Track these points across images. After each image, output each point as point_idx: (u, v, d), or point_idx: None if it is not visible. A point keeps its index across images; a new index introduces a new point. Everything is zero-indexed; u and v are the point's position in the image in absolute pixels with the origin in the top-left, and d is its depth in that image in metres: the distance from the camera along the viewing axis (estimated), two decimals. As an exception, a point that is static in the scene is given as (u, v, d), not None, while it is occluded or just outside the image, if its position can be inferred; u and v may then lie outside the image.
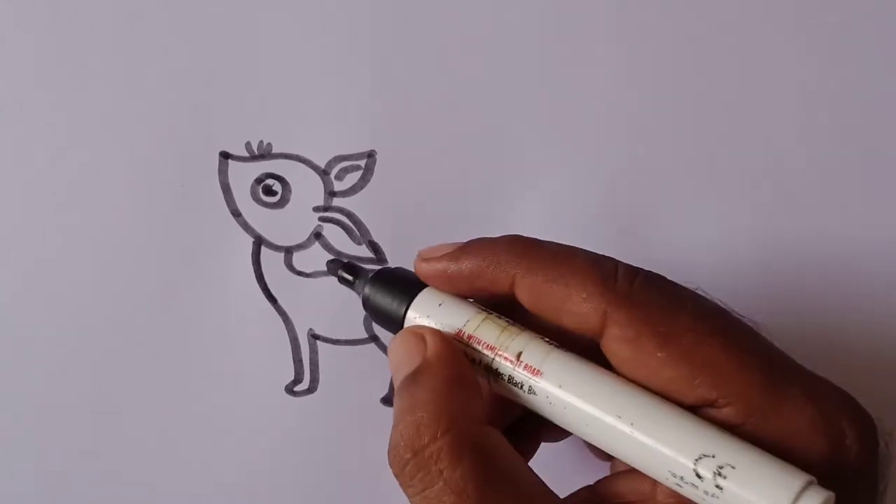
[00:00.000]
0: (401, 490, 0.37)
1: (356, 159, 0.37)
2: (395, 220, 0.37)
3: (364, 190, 0.37)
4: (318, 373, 0.37)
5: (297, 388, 0.37)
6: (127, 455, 0.37)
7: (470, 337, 0.26)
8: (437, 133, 0.37)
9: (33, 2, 0.36)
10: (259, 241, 0.37)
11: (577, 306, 0.24)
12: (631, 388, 0.23)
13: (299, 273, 0.37)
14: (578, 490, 0.28)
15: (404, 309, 0.27)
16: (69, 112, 0.36)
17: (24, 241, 0.36)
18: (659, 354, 0.23)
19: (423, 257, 0.27)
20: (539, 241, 0.26)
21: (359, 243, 0.37)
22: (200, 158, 0.37)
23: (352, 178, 0.37)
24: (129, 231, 0.37)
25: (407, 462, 0.23)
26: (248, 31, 0.37)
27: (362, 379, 0.37)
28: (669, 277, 0.25)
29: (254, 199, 0.37)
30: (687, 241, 0.36)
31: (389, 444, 0.24)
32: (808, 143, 0.37)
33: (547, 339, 0.25)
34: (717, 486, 0.21)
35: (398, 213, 0.37)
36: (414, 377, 0.25)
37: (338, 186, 0.37)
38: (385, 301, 0.28)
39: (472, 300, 0.27)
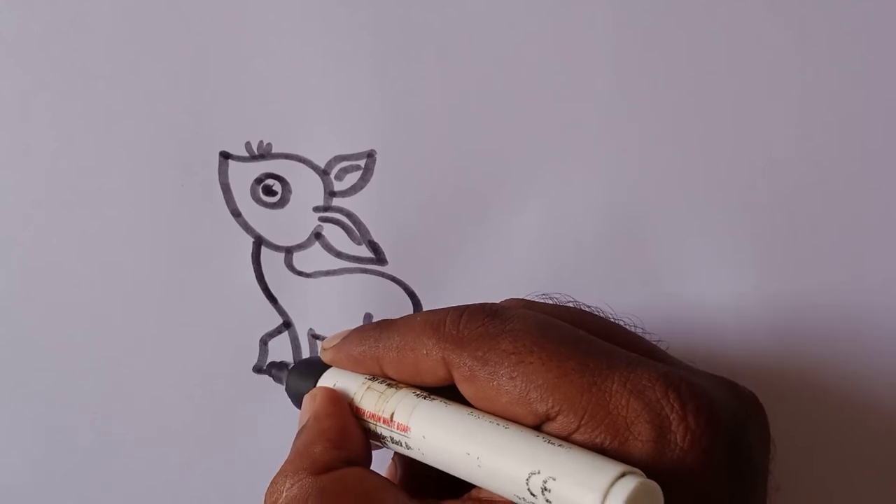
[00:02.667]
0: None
1: (356, 159, 0.37)
2: (395, 220, 0.37)
3: (364, 190, 0.37)
4: (318, 373, 0.37)
5: (297, 388, 0.37)
6: (126, 455, 0.37)
7: (357, 409, 0.28)
8: (437, 133, 0.37)
9: (33, 2, 0.36)
10: (259, 241, 0.37)
11: (425, 364, 0.26)
12: (480, 423, 0.24)
13: (299, 273, 0.37)
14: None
15: (311, 387, 0.30)
16: (69, 112, 0.36)
17: (24, 241, 0.36)
18: (492, 383, 0.24)
19: (323, 346, 0.30)
20: (388, 321, 0.28)
21: (359, 243, 0.37)
22: (200, 158, 0.37)
23: (352, 178, 0.37)
24: (129, 231, 0.37)
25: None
26: (248, 31, 0.37)
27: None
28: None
29: (254, 199, 0.37)
30: (686, 241, 0.36)
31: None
32: (808, 143, 0.37)
33: (417, 392, 0.27)
34: (548, 501, 0.22)
35: (398, 213, 0.37)
36: (296, 436, 0.28)
37: (338, 186, 0.37)
38: (300, 385, 0.31)
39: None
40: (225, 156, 0.37)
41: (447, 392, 0.26)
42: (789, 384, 0.36)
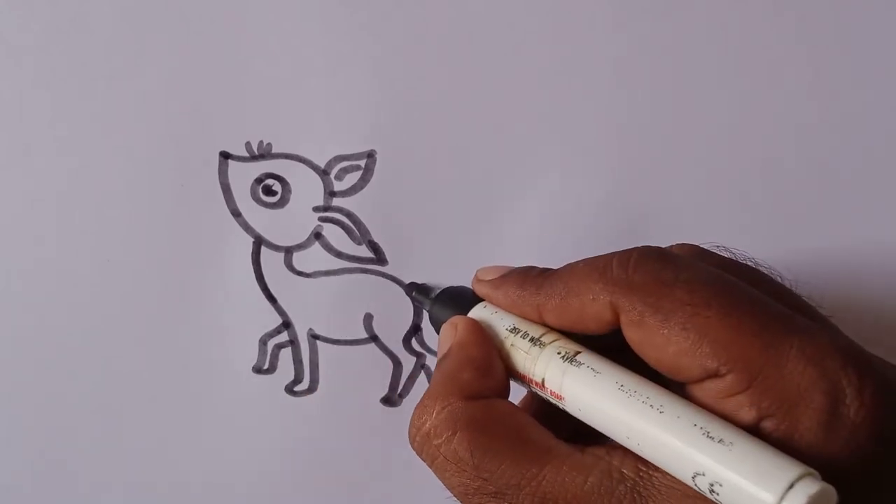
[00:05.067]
0: (399, 490, 0.37)
1: (356, 159, 0.37)
2: (395, 220, 0.37)
3: (364, 190, 0.37)
4: (318, 373, 0.37)
5: (297, 388, 0.37)
6: (126, 455, 0.37)
7: (505, 354, 0.28)
8: (437, 133, 0.37)
9: (33, 2, 0.36)
10: (259, 241, 0.37)
11: (591, 309, 0.25)
12: (634, 406, 0.24)
13: (299, 273, 0.37)
14: None
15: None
16: (69, 112, 0.36)
17: (24, 241, 0.36)
18: (662, 331, 0.24)
19: (478, 278, 0.30)
20: (545, 270, 0.28)
21: (359, 243, 0.37)
22: (200, 158, 0.37)
23: (352, 178, 0.37)
24: (129, 231, 0.37)
25: (413, 440, 0.27)
26: (248, 31, 0.37)
27: (362, 379, 0.37)
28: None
29: (254, 199, 0.37)
30: (686, 241, 0.36)
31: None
32: (808, 142, 0.37)
33: (561, 352, 0.26)
34: (718, 500, 0.22)
35: (398, 213, 0.37)
36: (438, 363, 0.28)
37: (338, 186, 0.37)
38: (445, 313, 0.31)
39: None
40: (225, 156, 0.37)
41: (593, 342, 0.26)
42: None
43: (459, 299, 0.31)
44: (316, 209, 0.37)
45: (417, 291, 0.36)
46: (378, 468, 0.37)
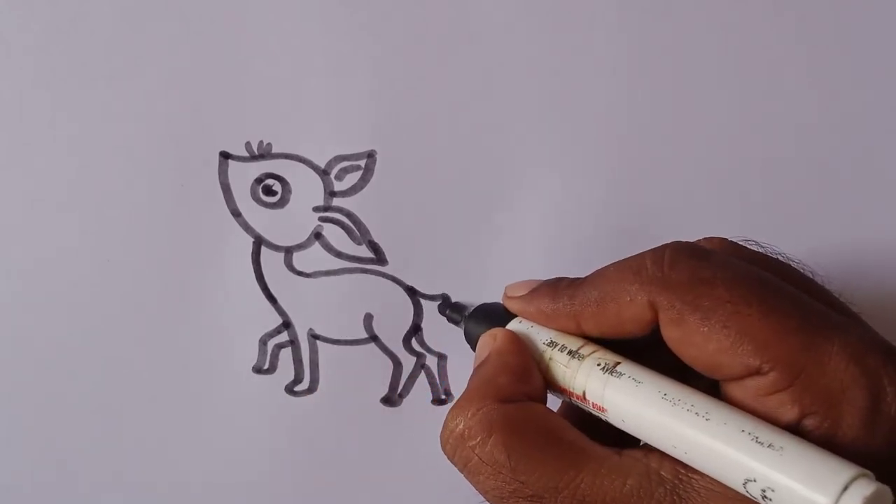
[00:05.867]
0: (399, 490, 0.37)
1: (356, 159, 0.37)
2: (395, 220, 0.37)
3: (364, 190, 0.37)
4: (318, 373, 0.37)
5: (297, 388, 0.37)
6: (126, 455, 0.37)
7: (544, 364, 0.28)
8: (437, 133, 0.37)
9: (33, 2, 0.36)
10: (259, 241, 0.37)
11: (629, 311, 0.25)
12: (679, 414, 0.24)
13: (299, 273, 0.37)
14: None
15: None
16: (69, 112, 0.36)
17: (24, 241, 0.36)
18: (702, 329, 0.24)
19: (508, 295, 0.30)
20: (573, 279, 0.28)
21: (359, 243, 0.37)
22: (200, 158, 0.37)
23: (352, 178, 0.37)
24: (129, 231, 0.37)
25: (446, 442, 0.26)
26: (248, 31, 0.37)
27: (362, 379, 0.37)
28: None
29: (254, 199, 0.37)
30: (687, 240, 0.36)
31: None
32: (808, 142, 0.37)
33: (601, 363, 0.26)
34: None
35: (398, 213, 0.37)
36: (475, 370, 0.28)
37: (338, 186, 0.37)
38: (479, 329, 0.31)
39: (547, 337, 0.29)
40: (225, 156, 0.37)
41: (629, 349, 0.26)
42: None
43: (494, 315, 0.31)
44: (316, 209, 0.37)
45: (451, 310, 0.36)
46: (378, 468, 0.37)
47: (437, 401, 0.37)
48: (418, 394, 0.37)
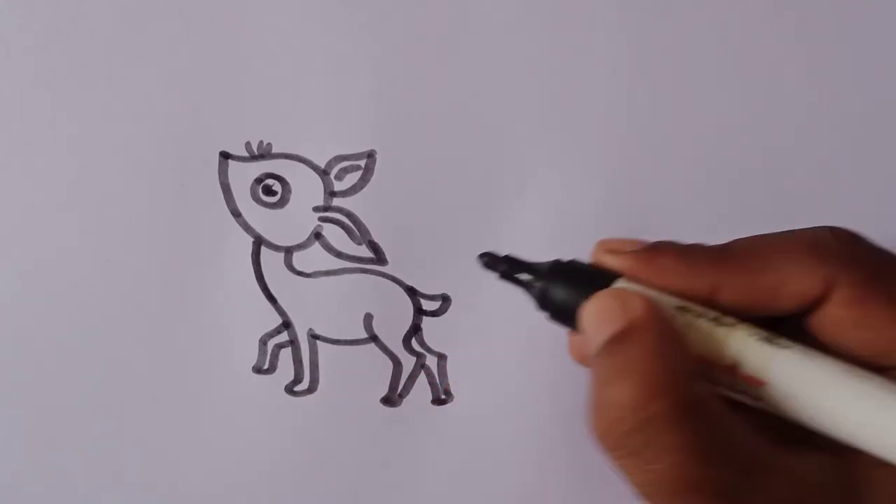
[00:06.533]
0: (399, 490, 0.37)
1: (356, 159, 0.37)
2: (395, 220, 0.37)
3: (364, 190, 0.37)
4: (318, 373, 0.37)
5: (297, 388, 0.37)
6: (126, 455, 0.37)
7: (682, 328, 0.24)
8: (437, 133, 0.37)
9: (33, 2, 0.36)
10: (259, 241, 0.37)
11: (796, 285, 0.23)
12: (873, 396, 0.22)
13: (299, 273, 0.37)
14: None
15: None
16: (69, 112, 0.36)
17: (24, 241, 0.36)
18: (887, 312, 0.22)
19: (609, 248, 0.26)
20: (726, 244, 0.25)
21: (359, 243, 0.37)
22: (200, 158, 0.37)
23: (352, 178, 0.37)
24: (129, 231, 0.37)
25: (619, 424, 0.22)
26: (247, 31, 0.37)
27: (362, 379, 0.37)
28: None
29: (254, 199, 0.37)
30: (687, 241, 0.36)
31: (596, 405, 0.23)
32: (808, 142, 0.37)
33: (755, 334, 0.23)
34: None
35: (398, 213, 0.37)
36: (624, 336, 0.23)
37: (338, 186, 0.37)
38: (568, 295, 0.25)
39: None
40: (225, 156, 0.37)
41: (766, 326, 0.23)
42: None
43: (582, 276, 0.26)
44: (316, 209, 0.37)
45: (512, 267, 0.28)
46: (378, 468, 0.37)
47: (437, 401, 0.37)
48: (418, 394, 0.37)
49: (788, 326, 0.24)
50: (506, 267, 0.28)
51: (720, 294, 0.24)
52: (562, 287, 0.26)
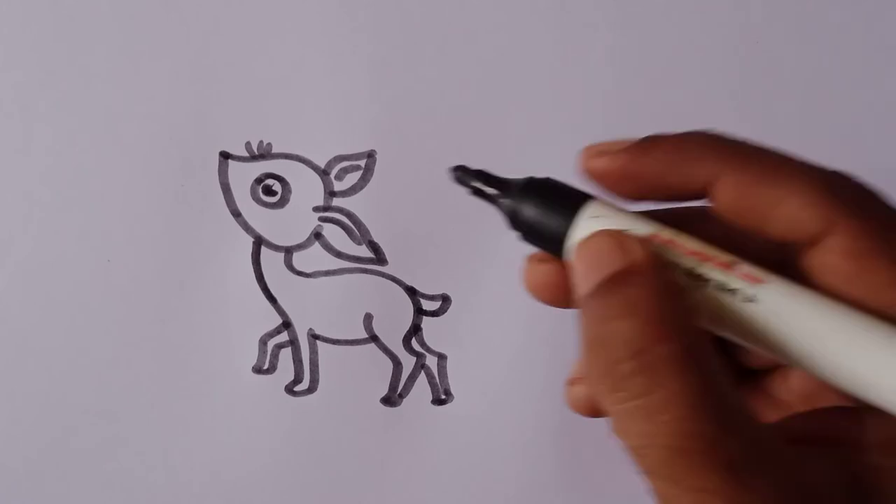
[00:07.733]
0: (399, 490, 0.37)
1: (356, 159, 0.37)
2: (395, 220, 0.37)
3: (364, 190, 0.37)
4: (318, 373, 0.37)
5: (297, 388, 0.37)
6: (126, 454, 0.37)
7: (669, 242, 0.22)
8: (437, 133, 0.37)
9: (33, 2, 0.36)
10: (259, 241, 0.37)
11: (796, 211, 0.21)
12: (864, 321, 0.21)
13: (299, 273, 0.37)
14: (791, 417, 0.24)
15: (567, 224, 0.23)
16: (69, 112, 0.36)
17: (24, 241, 0.36)
18: (890, 273, 0.21)
19: (596, 151, 0.24)
20: (736, 139, 0.23)
21: (359, 243, 0.37)
22: (200, 158, 0.37)
23: (352, 178, 0.37)
24: (130, 231, 0.37)
25: (620, 364, 0.20)
26: (248, 32, 0.37)
27: (362, 379, 0.37)
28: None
29: (254, 199, 0.37)
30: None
31: (592, 343, 0.21)
32: (809, 141, 0.37)
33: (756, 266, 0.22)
34: None
35: (398, 213, 0.37)
36: (625, 277, 0.21)
37: (338, 186, 0.37)
38: (544, 216, 0.24)
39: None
40: (225, 156, 0.37)
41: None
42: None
43: (557, 194, 0.24)
44: (316, 209, 0.37)
45: (480, 180, 0.26)
46: (378, 468, 0.37)
47: (437, 401, 0.37)
48: (418, 394, 0.37)
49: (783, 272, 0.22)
50: (478, 182, 0.26)
51: (715, 190, 0.22)
52: (535, 205, 0.24)
